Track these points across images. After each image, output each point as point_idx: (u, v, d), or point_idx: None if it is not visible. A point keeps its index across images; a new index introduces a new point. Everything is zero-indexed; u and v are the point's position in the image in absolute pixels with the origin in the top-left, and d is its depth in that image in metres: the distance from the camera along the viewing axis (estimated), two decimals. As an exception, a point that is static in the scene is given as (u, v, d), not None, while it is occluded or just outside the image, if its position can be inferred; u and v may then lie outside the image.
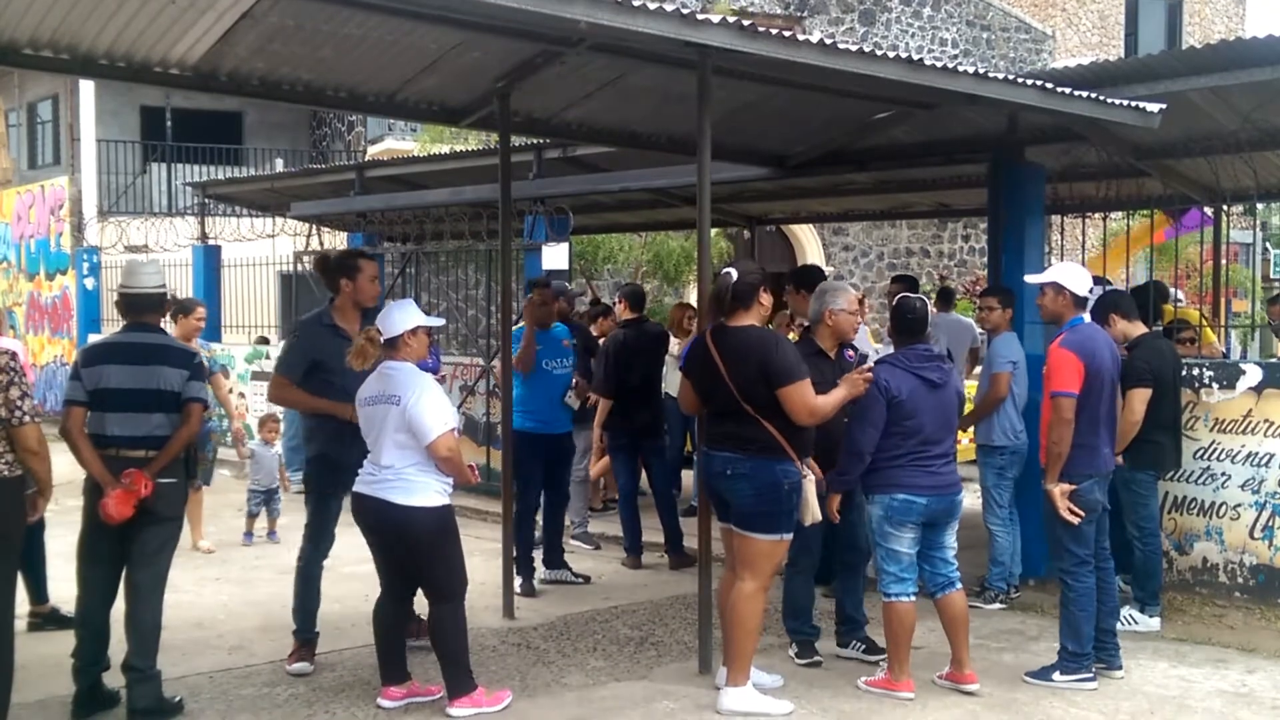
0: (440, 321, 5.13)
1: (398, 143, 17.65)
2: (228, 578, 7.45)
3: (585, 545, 8.22)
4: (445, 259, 12.91)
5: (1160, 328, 7.97)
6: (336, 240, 13.98)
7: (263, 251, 14.18)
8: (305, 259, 12.67)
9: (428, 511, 4.74)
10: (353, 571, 7.04)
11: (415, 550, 4.82)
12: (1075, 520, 5.23)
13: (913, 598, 5.11)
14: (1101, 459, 5.36)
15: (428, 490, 4.74)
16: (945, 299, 9.70)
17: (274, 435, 8.61)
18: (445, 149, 14.79)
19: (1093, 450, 5.29)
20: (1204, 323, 8.95)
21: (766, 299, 4.99)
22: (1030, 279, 5.65)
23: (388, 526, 4.81)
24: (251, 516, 8.37)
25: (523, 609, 6.54)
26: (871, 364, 5.18)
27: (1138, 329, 6.25)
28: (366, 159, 16.76)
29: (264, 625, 6.26)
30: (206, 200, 14.53)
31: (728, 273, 4.94)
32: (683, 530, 7.73)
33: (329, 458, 5.36)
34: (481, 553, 7.83)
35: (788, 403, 4.80)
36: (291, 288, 13.72)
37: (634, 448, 7.79)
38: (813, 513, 4.98)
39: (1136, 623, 6.16)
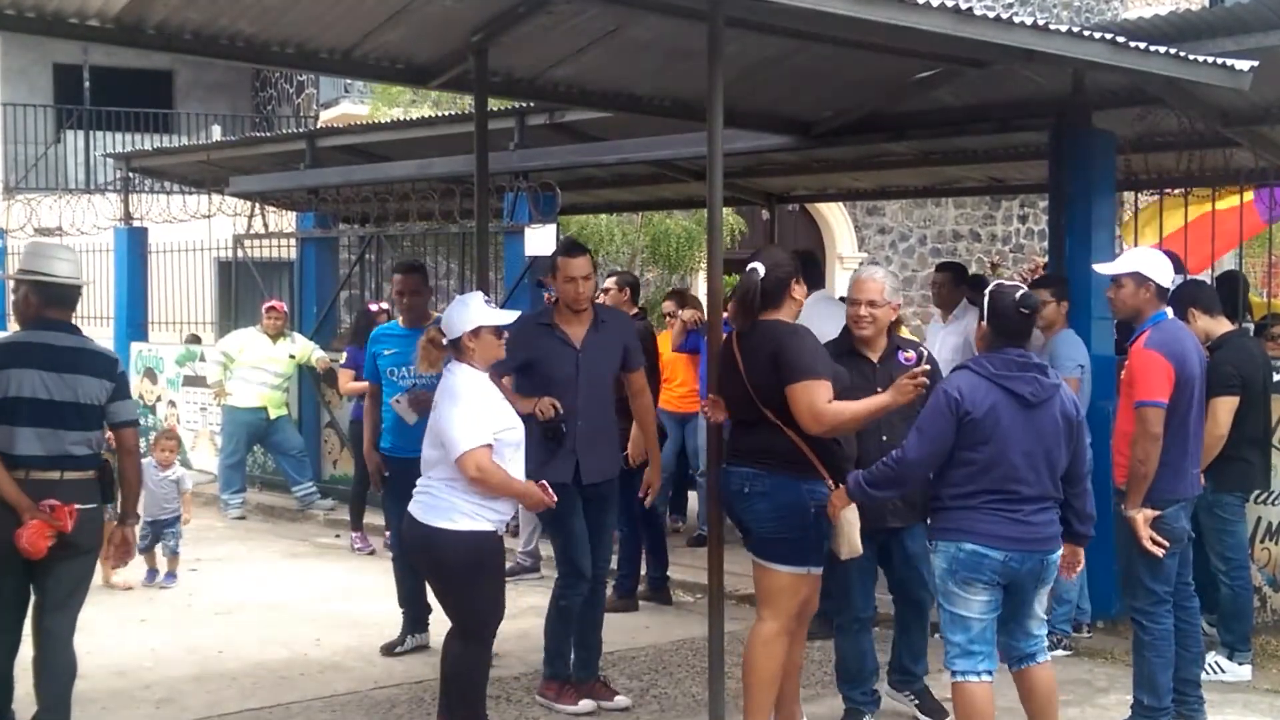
0: (510, 316, 5.09)
1: (355, 107, 17.64)
2: (155, 619, 7.45)
3: (525, 566, 8.36)
4: (412, 243, 12.91)
5: (1250, 324, 7.97)
6: (283, 221, 13.99)
7: (197, 235, 14.16)
8: (246, 243, 12.69)
9: (453, 535, 4.78)
10: (306, 613, 7.09)
11: (436, 576, 4.99)
12: (1160, 552, 5.22)
13: (989, 677, 4.66)
14: (1189, 480, 5.35)
15: (454, 511, 4.78)
16: (977, 288, 9.41)
17: (170, 455, 8.44)
18: (400, 114, 14.82)
19: (1179, 470, 5.28)
20: None
21: (800, 291, 5.01)
22: (1104, 268, 5.58)
23: (413, 546, 5.03)
24: (144, 553, 8.25)
25: (504, 654, 6.53)
26: (927, 366, 4.89)
27: (1222, 326, 6.24)
28: (319, 126, 16.76)
29: (198, 674, 6.26)
30: (131, 174, 14.49)
31: (754, 269, 4.95)
32: (669, 559, 7.87)
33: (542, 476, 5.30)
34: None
35: (792, 403, 4.75)
36: (231, 277, 13.71)
37: None
38: (850, 545, 4.85)
39: (1224, 671, 6.16)
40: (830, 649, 5.73)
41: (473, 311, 4.89)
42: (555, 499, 4.97)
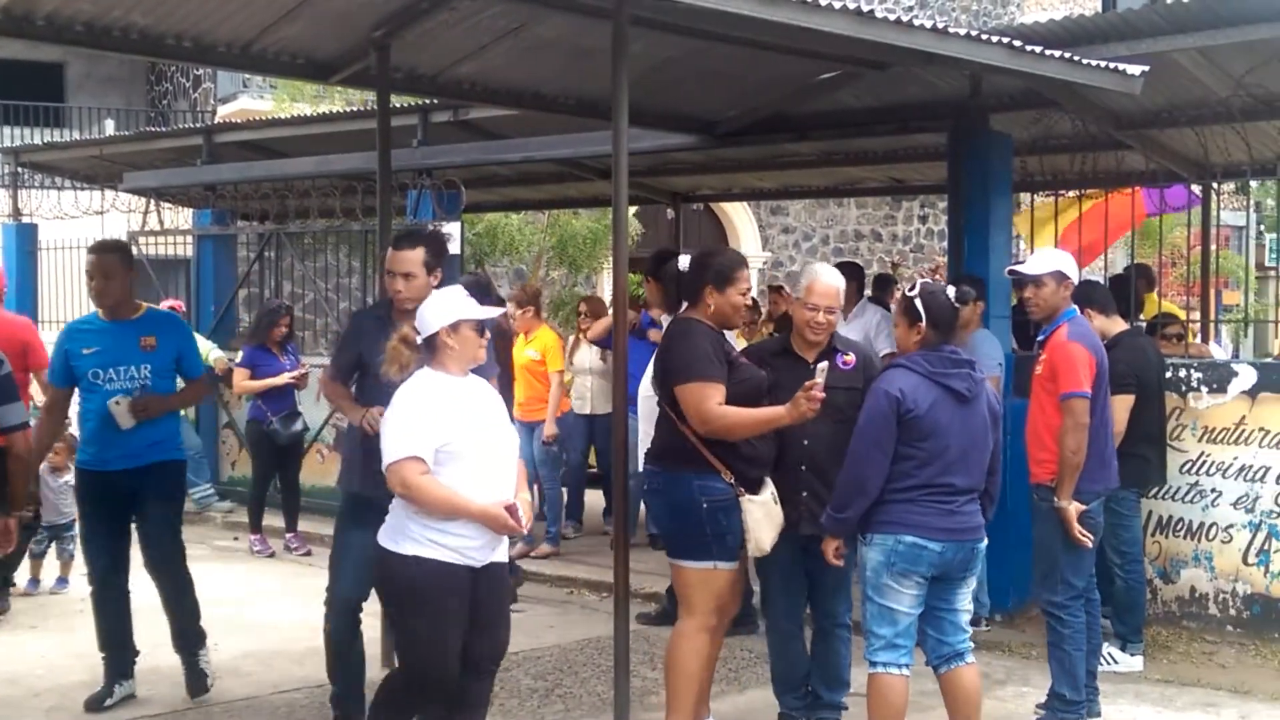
0: (494, 313, 4.58)
1: (254, 102, 17.39)
2: (46, 625, 7.27)
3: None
4: (312, 241, 12.74)
5: (1142, 323, 8.18)
6: (180, 218, 13.72)
7: (89, 231, 13.81)
8: (141, 240, 12.43)
9: (394, 559, 4.28)
10: (203, 617, 6.91)
11: (383, 601, 4.54)
12: (1088, 544, 5.34)
13: (908, 671, 4.71)
14: (1110, 472, 5.49)
15: (399, 534, 4.28)
16: (883, 286, 9.39)
17: (63, 459, 8.19)
18: (307, 109, 14.63)
19: (1102, 462, 5.41)
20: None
21: (714, 298, 4.92)
22: (1027, 269, 5.64)
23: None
24: (35, 559, 8.02)
25: (406, 657, 6.48)
26: (823, 377, 4.67)
27: (1117, 326, 6.40)
28: (216, 121, 16.48)
29: (90, 680, 6.11)
30: (20, 170, 14.14)
31: (678, 260, 5.04)
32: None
33: None
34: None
35: (681, 403, 4.81)
36: (125, 275, 13.39)
37: None
38: (756, 543, 4.83)
39: (1117, 662, 6.30)
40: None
41: (454, 304, 4.32)
42: (522, 523, 4.30)
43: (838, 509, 4.72)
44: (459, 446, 4.20)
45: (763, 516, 4.82)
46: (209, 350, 10.81)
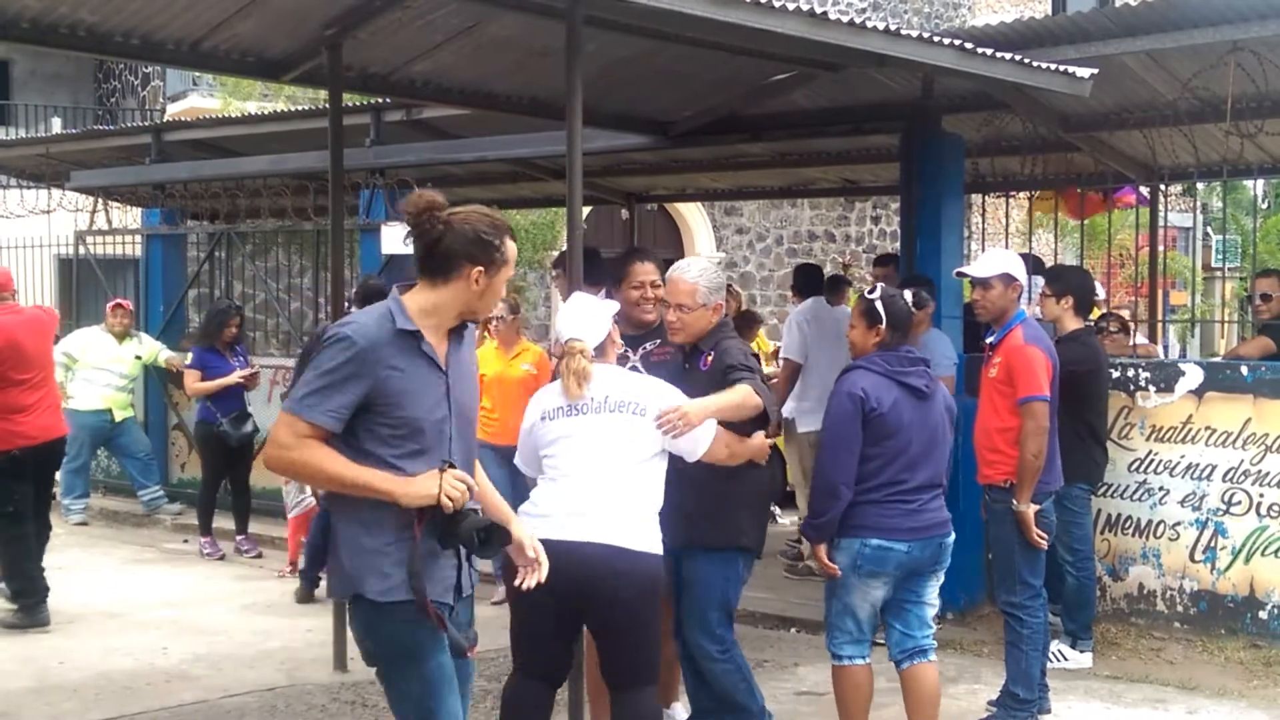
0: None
1: (204, 100, 17.23)
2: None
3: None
4: (263, 240, 12.64)
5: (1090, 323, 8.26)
6: (128, 217, 13.57)
7: (36, 230, 13.68)
8: (89, 240, 12.29)
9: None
10: (152, 620, 6.89)
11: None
12: (1044, 544, 5.40)
13: (870, 660, 4.84)
14: (1058, 471, 5.56)
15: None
16: (835, 288, 9.42)
17: None
18: (253, 108, 14.51)
19: (1052, 463, 5.48)
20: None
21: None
22: (973, 270, 5.68)
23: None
24: None
25: (359, 659, 6.43)
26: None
27: (1076, 323, 6.44)
28: (165, 119, 16.31)
29: (36, 686, 6.04)
30: (-36, 167, 13.93)
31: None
32: None
33: None
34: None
35: None
36: (72, 275, 13.27)
37: None
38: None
39: (1066, 659, 6.37)
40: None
41: (598, 307, 4.42)
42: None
43: (814, 516, 4.78)
44: None
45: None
46: (158, 351, 10.71)
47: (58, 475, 8.27)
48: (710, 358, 4.79)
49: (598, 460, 4.18)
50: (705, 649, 4.80)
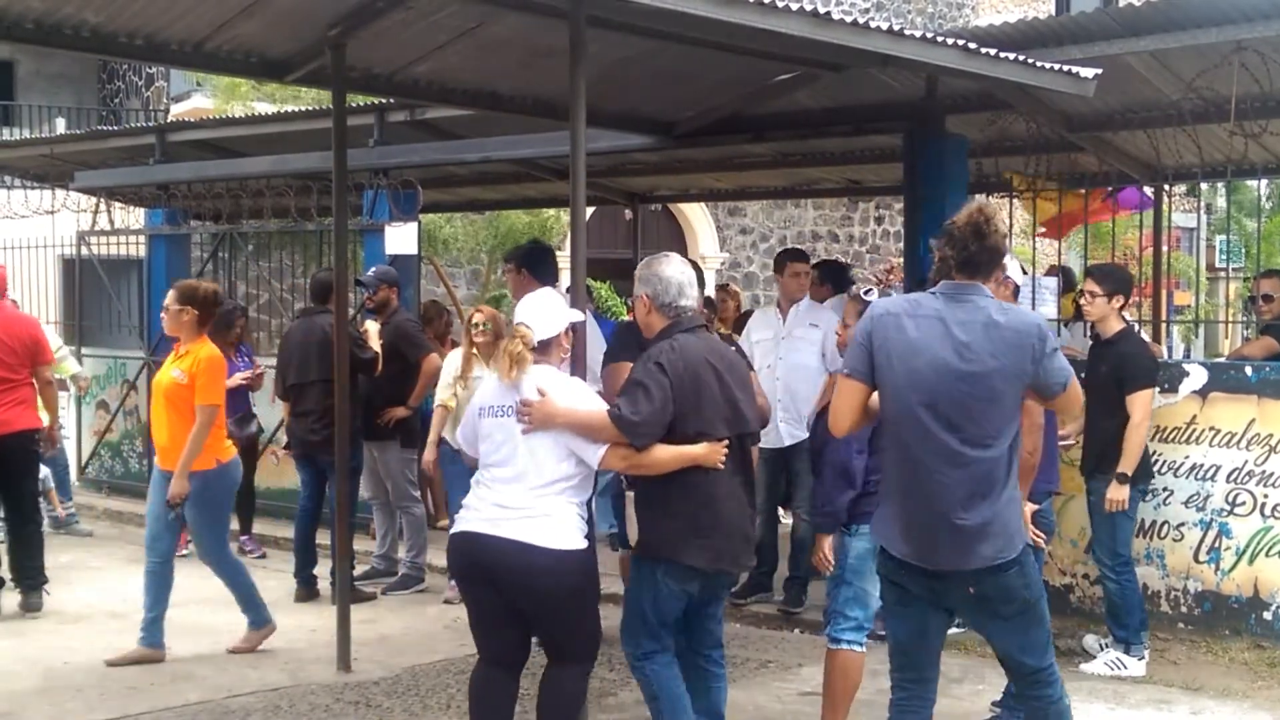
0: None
1: (208, 100, 17.24)
2: (-5, 630, 7.19)
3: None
4: (267, 241, 12.65)
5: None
6: (132, 218, 13.58)
7: (39, 231, 13.69)
8: (92, 240, 12.30)
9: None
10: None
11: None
12: (1042, 544, 5.41)
13: (864, 649, 5.02)
14: (1056, 471, 5.59)
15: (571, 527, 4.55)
16: (836, 278, 9.07)
17: None
18: (240, 109, 14.50)
19: (1051, 461, 5.52)
20: None
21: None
22: None
23: None
24: None
25: (363, 660, 6.45)
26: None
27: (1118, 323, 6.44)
28: (169, 120, 16.33)
29: (42, 686, 6.06)
30: (-32, 168, 13.96)
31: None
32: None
33: None
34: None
35: None
36: (75, 275, 13.26)
37: (309, 459, 8.03)
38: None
39: (1125, 667, 6.28)
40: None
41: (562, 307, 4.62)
42: None
43: (826, 503, 4.89)
44: None
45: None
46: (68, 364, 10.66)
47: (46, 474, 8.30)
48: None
49: (517, 461, 4.40)
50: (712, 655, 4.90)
